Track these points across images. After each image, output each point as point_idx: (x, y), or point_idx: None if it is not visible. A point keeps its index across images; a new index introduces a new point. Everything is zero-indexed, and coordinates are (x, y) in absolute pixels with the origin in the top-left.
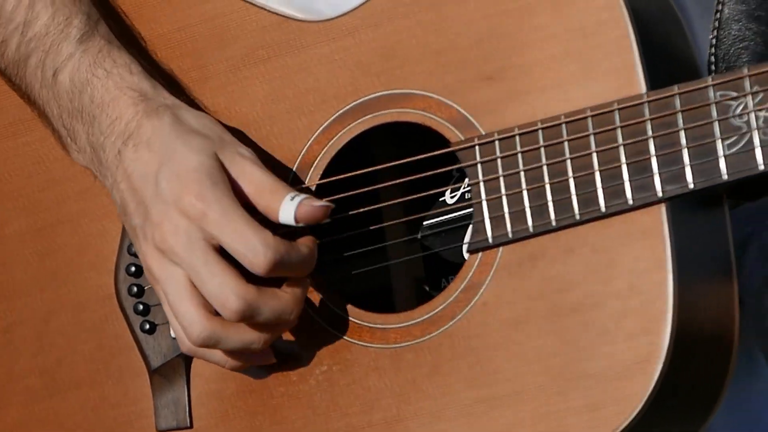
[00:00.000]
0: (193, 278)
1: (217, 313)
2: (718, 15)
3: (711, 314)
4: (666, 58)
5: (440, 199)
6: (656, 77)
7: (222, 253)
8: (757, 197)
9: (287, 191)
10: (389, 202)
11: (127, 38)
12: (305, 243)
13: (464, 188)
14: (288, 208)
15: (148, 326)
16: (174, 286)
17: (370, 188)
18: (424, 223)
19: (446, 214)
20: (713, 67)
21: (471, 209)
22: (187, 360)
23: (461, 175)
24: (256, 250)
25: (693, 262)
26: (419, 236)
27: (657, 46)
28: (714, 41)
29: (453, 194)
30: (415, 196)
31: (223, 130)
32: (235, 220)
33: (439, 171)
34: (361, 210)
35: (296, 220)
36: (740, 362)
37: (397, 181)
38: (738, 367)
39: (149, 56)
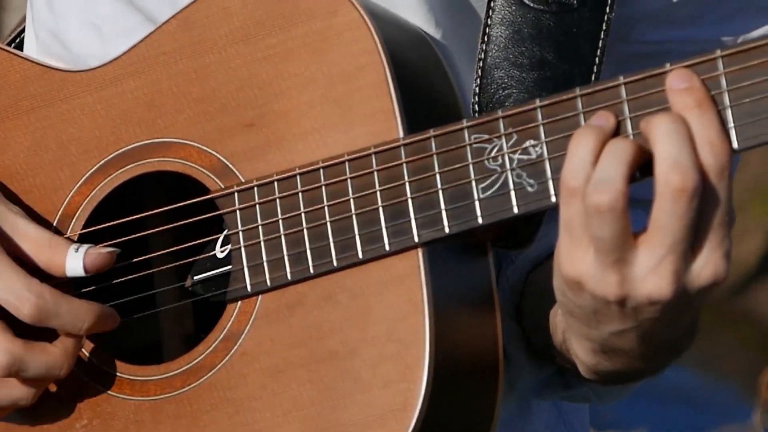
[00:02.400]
0: None
1: None
2: (480, 63)
3: (473, 357)
4: (428, 104)
5: (211, 253)
6: (416, 122)
7: None
8: (519, 247)
9: (68, 244)
10: (153, 254)
11: None
12: (80, 299)
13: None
14: (74, 260)
15: None
16: None
17: (128, 237)
18: (195, 277)
19: (214, 268)
20: (477, 115)
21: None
22: None
23: None
24: (21, 295)
25: (452, 307)
26: (186, 286)
27: (418, 91)
28: (477, 89)
29: (224, 247)
30: (178, 248)
31: None
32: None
33: (198, 218)
34: (125, 263)
35: (86, 271)
36: (512, 407)
37: (157, 229)
38: (510, 413)
39: None
